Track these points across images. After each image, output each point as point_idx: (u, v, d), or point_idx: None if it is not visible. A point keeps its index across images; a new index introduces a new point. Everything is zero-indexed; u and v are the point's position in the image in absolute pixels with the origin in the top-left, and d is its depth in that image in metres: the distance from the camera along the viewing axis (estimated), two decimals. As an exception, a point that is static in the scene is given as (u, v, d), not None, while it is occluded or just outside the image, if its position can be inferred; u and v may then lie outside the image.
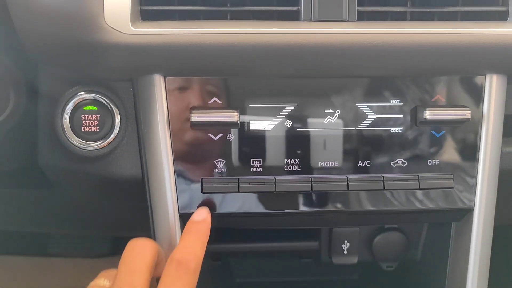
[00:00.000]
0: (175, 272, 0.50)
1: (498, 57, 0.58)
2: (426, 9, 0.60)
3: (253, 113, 0.59)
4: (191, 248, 0.52)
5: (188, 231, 0.56)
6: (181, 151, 0.59)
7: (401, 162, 0.62)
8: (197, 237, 0.54)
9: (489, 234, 0.64)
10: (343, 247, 0.71)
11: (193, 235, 0.55)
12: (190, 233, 0.55)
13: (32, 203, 0.81)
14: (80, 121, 0.61)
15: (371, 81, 0.60)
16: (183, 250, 0.52)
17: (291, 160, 0.60)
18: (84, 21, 0.53)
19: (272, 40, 0.55)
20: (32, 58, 0.61)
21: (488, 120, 0.62)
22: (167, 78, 0.58)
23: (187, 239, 0.54)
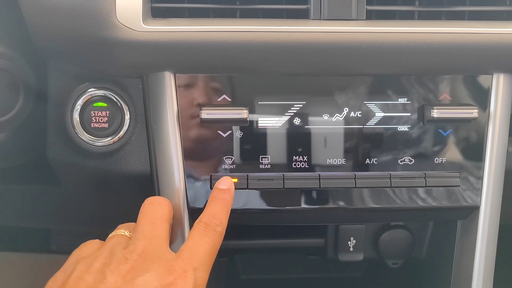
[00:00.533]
0: (203, 229, 0.52)
1: (505, 56, 0.59)
2: (434, 8, 0.60)
3: (262, 110, 0.60)
4: (217, 215, 0.54)
5: (214, 197, 0.57)
6: (190, 147, 0.59)
7: (408, 160, 0.62)
8: (223, 205, 0.56)
9: (495, 233, 0.64)
10: (349, 244, 0.71)
11: (219, 202, 0.56)
12: (215, 199, 0.56)
13: (40, 199, 0.82)
14: (90, 117, 0.61)
15: (378, 80, 0.61)
16: (210, 215, 0.54)
17: (299, 157, 0.61)
18: (96, 18, 0.54)
19: (281, 38, 0.55)
20: (42, 54, 0.62)
21: (495, 119, 0.62)
22: (177, 75, 0.58)
23: (213, 206, 0.55)
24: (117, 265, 0.47)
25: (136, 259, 0.48)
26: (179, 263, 0.48)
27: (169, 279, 0.47)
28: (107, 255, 0.49)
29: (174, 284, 0.46)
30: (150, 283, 0.46)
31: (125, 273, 0.47)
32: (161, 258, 0.49)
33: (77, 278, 0.47)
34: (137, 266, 0.47)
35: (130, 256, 0.48)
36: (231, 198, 0.57)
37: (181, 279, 0.47)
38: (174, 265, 0.48)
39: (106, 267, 0.47)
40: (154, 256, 0.49)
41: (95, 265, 0.48)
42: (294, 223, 0.69)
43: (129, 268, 0.47)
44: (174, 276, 0.47)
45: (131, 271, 0.47)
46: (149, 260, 0.48)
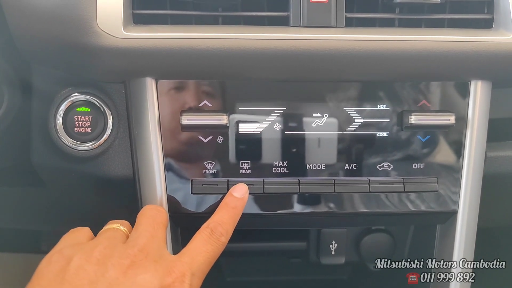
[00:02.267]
0: (208, 237, 0.53)
1: (483, 63, 0.60)
2: (414, 16, 0.61)
3: (243, 116, 0.61)
4: (225, 224, 0.55)
5: (226, 204, 0.57)
6: (172, 152, 0.60)
7: (387, 166, 0.63)
8: (233, 214, 0.56)
9: (472, 237, 0.65)
10: (331, 247, 0.72)
11: (230, 211, 0.56)
12: (227, 206, 0.57)
13: (26, 201, 0.82)
14: (73, 122, 0.62)
15: (358, 86, 0.62)
16: (218, 222, 0.55)
17: (279, 162, 0.62)
18: (77, 25, 0.54)
19: (261, 45, 0.56)
20: (25, 58, 0.62)
21: (473, 125, 0.63)
22: (158, 81, 0.59)
23: (223, 214, 0.56)
24: (119, 259, 0.48)
25: (137, 255, 0.48)
26: (179, 266, 0.49)
27: (168, 280, 0.47)
28: (107, 246, 0.49)
29: (171, 286, 0.47)
30: (150, 282, 0.46)
31: (126, 269, 0.47)
32: (162, 258, 0.50)
33: (78, 267, 0.47)
34: (138, 263, 0.48)
35: (131, 251, 0.49)
36: (242, 208, 0.58)
37: (178, 282, 0.48)
38: (174, 266, 0.49)
39: (108, 260, 0.47)
40: (155, 255, 0.49)
41: (95, 255, 0.48)
42: (276, 227, 0.70)
43: (129, 263, 0.47)
44: (173, 278, 0.48)
45: (132, 267, 0.47)
46: (150, 258, 0.49)
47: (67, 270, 0.46)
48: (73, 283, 0.45)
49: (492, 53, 0.59)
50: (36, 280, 0.47)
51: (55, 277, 0.46)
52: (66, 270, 0.46)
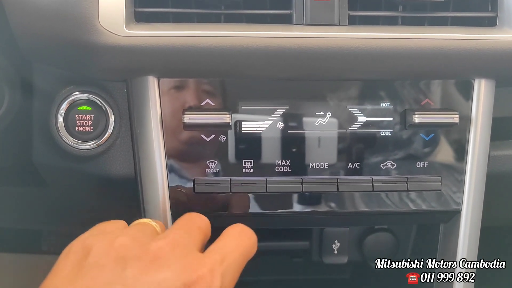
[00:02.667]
0: (239, 231, 0.50)
1: (486, 62, 0.60)
2: (417, 14, 0.61)
3: (246, 114, 0.60)
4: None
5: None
6: (174, 151, 0.60)
7: (390, 164, 0.63)
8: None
9: (476, 236, 0.65)
10: (334, 247, 0.72)
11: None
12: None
13: (27, 201, 0.82)
14: (74, 120, 0.62)
15: (361, 85, 0.61)
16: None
17: (282, 161, 0.61)
18: (79, 23, 0.54)
19: (264, 43, 0.56)
20: (27, 56, 0.62)
21: (476, 124, 0.63)
22: (160, 79, 0.59)
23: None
24: (141, 253, 0.44)
25: (163, 248, 0.44)
26: (209, 260, 0.45)
27: (193, 276, 0.43)
28: (132, 238, 0.46)
29: (197, 282, 0.43)
30: (172, 282, 0.42)
31: (147, 265, 0.43)
32: (190, 254, 0.45)
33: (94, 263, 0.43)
34: (162, 258, 0.44)
35: (157, 244, 0.45)
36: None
37: (208, 277, 0.43)
38: (202, 260, 0.45)
39: (128, 254, 0.44)
40: (183, 250, 0.45)
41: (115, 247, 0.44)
42: (279, 226, 0.69)
43: (152, 258, 0.44)
44: (199, 275, 0.43)
45: (154, 263, 0.43)
46: (177, 253, 0.44)
47: (83, 266, 0.43)
48: (86, 283, 0.42)
49: (496, 51, 0.58)
50: (54, 272, 0.44)
51: (70, 273, 0.43)
52: (82, 265, 0.43)
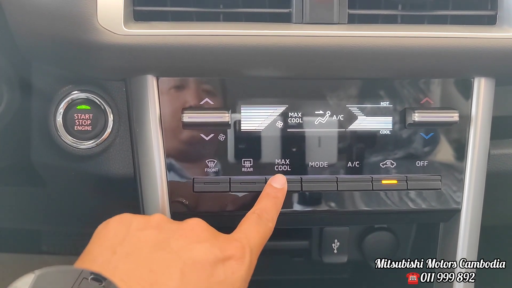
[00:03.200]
0: (256, 220, 0.53)
1: (486, 60, 0.59)
2: (417, 12, 0.61)
3: (245, 113, 0.60)
4: (269, 211, 0.55)
5: (267, 194, 0.57)
6: (173, 150, 0.60)
7: (390, 163, 0.62)
8: (274, 202, 0.56)
9: (476, 235, 0.65)
10: (333, 246, 0.72)
11: (272, 199, 0.57)
12: (268, 196, 0.57)
13: (26, 200, 0.82)
14: (73, 120, 0.61)
15: (361, 83, 0.61)
16: (262, 209, 0.55)
17: (282, 160, 0.61)
18: (77, 21, 0.54)
19: (263, 42, 0.55)
20: (25, 55, 0.62)
21: (476, 123, 0.63)
22: (159, 78, 0.58)
23: (266, 202, 0.56)
24: (178, 225, 0.48)
25: (195, 226, 0.48)
26: (238, 240, 0.49)
27: (229, 252, 0.47)
28: (164, 218, 0.50)
29: (232, 257, 0.47)
30: (211, 251, 0.46)
31: (187, 235, 0.47)
32: (219, 234, 0.50)
33: (138, 229, 0.46)
34: (197, 232, 0.48)
35: (189, 223, 0.49)
36: (283, 197, 0.58)
37: (239, 254, 0.47)
38: (233, 240, 0.49)
39: (167, 226, 0.48)
40: (212, 231, 0.49)
41: (153, 222, 0.48)
42: (278, 225, 0.69)
43: (190, 231, 0.47)
44: (233, 251, 0.47)
45: (192, 234, 0.47)
46: (209, 231, 0.49)
47: (127, 232, 0.46)
48: (134, 244, 0.45)
49: (496, 50, 0.58)
50: (96, 240, 0.46)
51: (115, 237, 0.46)
52: (126, 231, 0.46)
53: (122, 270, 0.42)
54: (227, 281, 0.45)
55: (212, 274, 0.45)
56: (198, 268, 0.44)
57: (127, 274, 0.42)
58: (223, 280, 0.45)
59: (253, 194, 0.60)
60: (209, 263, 0.45)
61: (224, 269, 0.46)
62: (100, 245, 0.46)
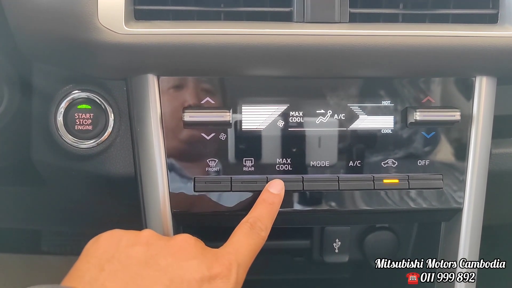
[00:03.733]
0: (248, 230, 0.53)
1: (488, 59, 0.59)
2: (418, 11, 0.60)
3: (246, 113, 0.60)
4: (264, 219, 0.55)
5: (263, 200, 0.58)
6: (174, 150, 0.59)
7: (391, 162, 0.62)
8: (270, 209, 0.57)
9: (478, 234, 0.65)
10: (335, 245, 0.72)
11: (267, 206, 0.57)
12: (264, 202, 0.57)
13: (26, 200, 0.81)
14: (74, 119, 0.61)
15: (362, 82, 0.61)
16: (256, 217, 0.55)
17: (283, 159, 0.61)
18: (78, 20, 0.53)
19: (264, 41, 0.55)
20: (26, 55, 0.62)
21: (478, 122, 0.62)
22: (160, 77, 0.58)
23: (261, 209, 0.56)
24: (166, 242, 0.49)
25: (183, 243, 0.49)
26: (226, 256, 0.49)
27: (216, 269, 0.47)
28: (154, 234, 0.50)
29: (219, 275, 0.47)
30: (198, 268, 0.46)
31: (175, 252, 0.47)
32: (207, 249, 0.50)
33: (127, 246, 0.47)
34: (186, 249, 0.48)
35: (177, 240, 0.49)
36: (279, 204, 0.58)
37: (226, 271, 0.48)
38: (221, 256, 0.49)
39: (156, 243, 0.49)
40: (201, 247, 0.50)
41: (143, 238, 0.49)
42: (279, 225, 0.69)
43: (178, 248, 0.48)
44: (220, 268, 0.48)
45: (181, 252, 0.48)
46: (197, 247, 0.49)
47: (116, 249, 0.47)
48: (122, 261, 0.46)
49: (497, 49, 0.58)
50: (84, 257, 0.47)
51: (104, 254, 0.47)
52: (115, 248, 0.47)
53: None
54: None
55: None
56: (184, 286, 0.45)
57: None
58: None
59: (254, 194, 0.60)
60: (196, 281, 0.46)
61: (210, 287, 0.46)
62: (88, 262, 0.46)
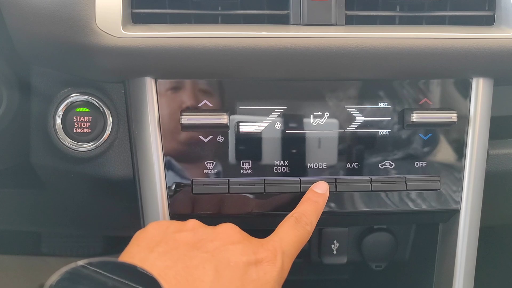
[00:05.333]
0: (294, 223, 0.54)
1: (484, 61, 0.59)
2: (415, 13, 0.61)
3: (243, 115, 0.60)
4: (308, 215, 0.55)
5: (307, 198, 0.58)
6: (172, 152, 0.60)
7: (388, 164, 0.62)
8: (315, 207, 0.57)
9: (475, 235, 0.65)
10: (333, 247, 0.72)
11: (312, 204, 0.57)
12: (309, 200, 0.58)
13: (25, 203, 0.82)
14: (72, 122, 0.62)
15: (359, 84, 0.61)
16: (301, 213, 0.55)
17: (280, 161, 0.61)
18: (76, 24, 0.54)
19: (261, 43, 0.56)
20: (24, 58, 0.62)
21: (475, 123, 0.63)
22: (158, 80, 0.59)
23: (306, 206, 0.57)
24: (213, 229, 0.50)
25: (229, 229, 0.50)
26: (271, 243, 0.50)
27: (262, 254, 0.48)
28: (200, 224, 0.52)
29: (264, 260, 0.48)
30: (244, 253, 0.47)
31: (221, 238, 0.49)
32: (252, 238, 0.51)
33: (174, 231, 0.49)
34: (231, 235, 0.49)
35: (223, 227, 0.51)
36: (323, 203, 0.58)
37: (272, 257, 0.48)
38: (266, 243, 0.50)
39: (203, 230, 0.50)
40: (246, 235, 0.51)
41: (189, 226, 0.50)
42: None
43: (224, 235, 0.49)
44: (266, 253, 0.48)
45: (226, 237, 0.49)
46: (242, 235, 0.50)
47: (164, 235, 0.48)
48: (171, 244, 0.47)
49: (494, 50, 0.58)
50: (134, 242, 0.49)
51: (152, 239, 0.48)
52: (163, 234, 0.49)
53: (159, 267, 0.44)
54: (259, 281, 0.47)
55: (245, 273, 0.46)
56: (232, 267, 0.46)
57: (164, 270, 0.44)
58: (255, 279, 0.46)
59: (252, 196, 0.60)
60: (243, 263, 0.47)
61: (257, 270, 0.47)
62: (138, 245, 0.48)
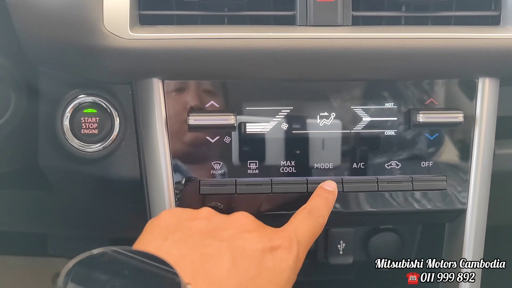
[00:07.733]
0: (307, 215, 0.54)
1: (490, 61, 0.60)
2: (421, 13, 0.61)
3: (250, 116, 0.60)
4: (320, 208, 0.56)
5: (318, 194, 0.58)
6: (179, 153, 0.60)
7: (395, 164, 0.63)
8: (325, 202, 0.57)
9: (482, 235, 0.65)
10: (339, 247, 0.72)
11: (322, 199, 0.57)
12: (319, 196, 0.58)
13: (33, 204, 0.82)
14: (80, 123, 0.62)
15: (365, 85, 0.61)
16: (313, 206, 0.56)
17: (287, 162, 0.61)
18: (84, 26, 0.54)
19: (268, 44, 0.56)
20: (32, 60, 0.62)
21: (481, 123, 0.63)
22: (165, 81, 0.59)
23: (317, 200, 0.57)
24: (226, 217, 0.51)
25: (243, 217, 0.51)
26: (286, 231, 0.50)
27: (277, 242, 0.48)
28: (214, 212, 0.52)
29: (280, 247, 0.48)
30: (259, 240, 0.47)
31: (235, 226, 0.49)
32: (267, 226, 0.51)
33: (188, 219, 0.49)
34: (245, 223, 0.50)
35: (237, 215, 0.51)
36: (333, 200, 0.59)
37: (287, 244, 0.48)
38: (281, 231, 0.50)
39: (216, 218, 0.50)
40: (260, 223, 0.51)
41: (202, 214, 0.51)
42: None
43: (238, 223, 0.50)
44: (281, 241, 0.48)
45: (240, 225, 0.49)
46: (257, 223, 0.51)
47: (178, 223, 0.48)
48: (185, 232, 0.47)
49: (500, 50, 0.59)
50: (147, 230, 0.49)
51: (166, 227, 0.48)
52: (177, 222, 0.48)
53: (174, 255, 0.44)
54: (275, 269, 0.46)
55: (261, 260, 0.46)
56: (248, 255, 0.46)
57: (179, 258, 0.44)
58: (271, 267, 0.46)
59: (258, 196, 0.61)
60: (258, 250, 0.47)
61: (273, 257, 0.47)
62: (152, 233, 0.48)
